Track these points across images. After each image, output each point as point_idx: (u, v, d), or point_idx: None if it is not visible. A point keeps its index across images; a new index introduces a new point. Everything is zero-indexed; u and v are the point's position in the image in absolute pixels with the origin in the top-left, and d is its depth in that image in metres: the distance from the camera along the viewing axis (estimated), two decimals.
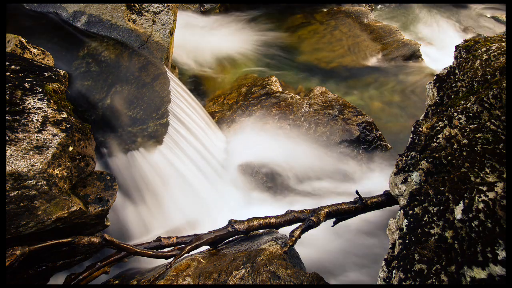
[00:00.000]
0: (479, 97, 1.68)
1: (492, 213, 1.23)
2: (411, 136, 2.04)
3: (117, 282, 2.35)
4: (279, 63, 5.24)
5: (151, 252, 2.20)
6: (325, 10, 6.57)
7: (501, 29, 7.36)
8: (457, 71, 2.13)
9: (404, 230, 1.58)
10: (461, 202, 1.37)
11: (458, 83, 2.02)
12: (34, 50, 2.64)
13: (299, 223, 2.37)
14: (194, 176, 3.12)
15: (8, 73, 2.21)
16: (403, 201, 1.79)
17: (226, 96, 4.44)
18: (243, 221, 2.37)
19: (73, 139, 2.12)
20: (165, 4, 3.32)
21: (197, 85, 4.66)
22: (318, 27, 6.04)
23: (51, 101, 2.19)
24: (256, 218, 2.39)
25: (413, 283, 1.40)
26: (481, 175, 1.43)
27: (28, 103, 2.09)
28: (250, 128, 3.85)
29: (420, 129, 2.01)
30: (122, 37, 3.09)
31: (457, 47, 2.32)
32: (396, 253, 1.57)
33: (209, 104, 4.41)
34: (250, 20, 6.24)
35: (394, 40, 5.50)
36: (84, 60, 2.86)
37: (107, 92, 2.81)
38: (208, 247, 2.39)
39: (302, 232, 2.29)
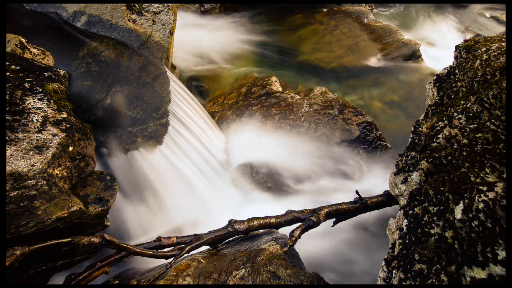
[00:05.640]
0: (479, 97, 1.68)
1: (492, 213, 1.23)
2: (411, 136, 2.04)
3: (117, 282, 2.35)
4: (279, 63, 5.25)
5: (151, 252, 2.20)
6: (325, 10, 6.57)
7: (501, 29, 7.36)
8: (457, 71, 2.13)
9: (404, 230, 1.58)
10: (461, 202, 1.37)
11: (458, 83, 2.02)
12: (34, 50, 2.64)
13: (299, 223, 2.37)
14: (194, 176, 3.12)
15: (8, 73, 2.21)
16: (403, 201, 1.79)
17: (226, 96, 4.44)
18: (243, 221, 2.37)
19: (73, 139, 2.12)
20: (165, 4, 3.32)
21: (197, 85, 4.66)
22: (318, 27, 6.04)
23: (51, 101, 2.19)
24: (256, 218, 2.39)
25: (413, 283, 1.40)
26: (481, 175, 1.43)
27: (28, 103, 2.09)
28: (250, 128, 3.85)
29: (420, 129, 2.01)
30: (122, 37, 3.08)
31: (457, 47, 2.32)
32: (396, 253, 1.57)
33: (209, 104, 4.41)
34: (250, 20, 6.24)
35: (394, 40, 5.50)
36: (84, 60, 2.86)
37: (107, 92, 2.81)
38: (208, 247, 2.39)
39: (302, 232, 2.29)
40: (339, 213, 2.40)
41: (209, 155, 3.35)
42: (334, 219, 2.49)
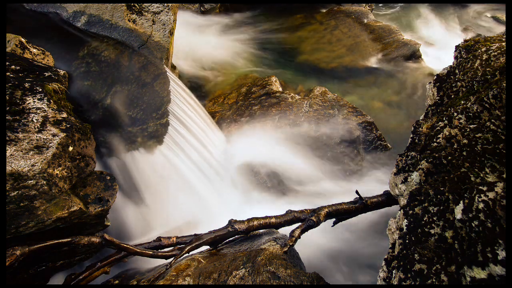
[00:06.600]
0: (479, 97, 1.68)
1: (492, 213, 1.23)
2: (411, 136, 2.04)
3: (117, 282, 2.35)
4: (279, 63, 5.24)
5: (151, 252, 2.20)
6: (325, 10, 6.57)
7: (501, 29, 7.36)
8: (457, 71, 2.13)
9: (404, 230, 1.58)
10: (461, 202, 1.37)
11: (458, 83, 2.02)
12: (34, 50, 2.64)
13: (299, 223, 2.37)
14: (194, 176, 3.12)
15: (8, 73, 2.21)
16: (403, 201, 1.79)
17: (226, 96, 4.44)
18: (243, 221, 2.37)
19: (73, 139, 2.12)
20: (165, 4, 3.32)
21: (197, 85, 4.66)
22: (318, 27, 6.04)
23: (51, 101, 2.19)
24: (256, 218, 2.39)
25: (413, 283, 1.40)
26: (481, 175, 1.43)
27: (28, 103, 2.09)
28: (250, 128, 3.85)
29: (420, 129, 2.01)
30: (122, 37, 3.08)
31: (457, 47, 2.32)
32: (396, 253, 1.57)
33: (209, 104, 4.41)
34: (250, 20, 6.24)
35: (394, 40, 5.50)
36: (84, 60, 2.86)
37: (107, 92, 2.81)
38: (208, 247, 2.39)
39: (302, 232, 2.29)
40: (339, 213, 2.40)
41: (209, 155, 3.35)
42: (334, 219, 2.49)
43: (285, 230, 2.44)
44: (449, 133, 1.70)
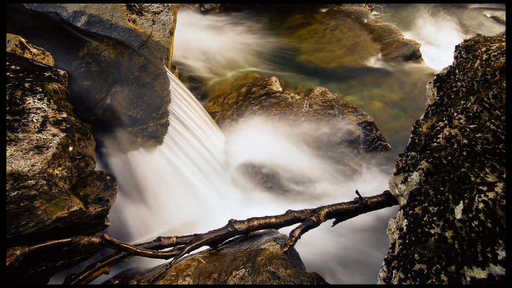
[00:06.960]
0: (479, 97, 1.68)
1: (492, 213, 1.23)
2: (411, 136, 2.04)
3: (117, 282, 2.35)
4: (279, 63, 5.25)
5: (151, 252, 2.20)
6: (325, 10, 6.58)
7: (501, 29, 7.36)
8: (457, 71, 2.13)
9: (404, 230, 1.58)
10: (461, 202, 1.37)
11: (458, 83, 2.02)
12: (34, 50, 2.64)
13: (299, 223, 2.37)
14: (194, 176, 3.12)
15: (8, 73, 2.21)
16: (403, 201, 1.79)
17: (226, 96, 4.44)
18: (243, 221, 2.37)
19: (73, 139, 2.12)
20: (165, 4, 3.32)
21: (197, 85, 4.66)
22: (318, 27, 6.04)
23: (51, 101, 2.19)
24: (256, 218, 2.39)
25: (413, 283, 1.40)
26: (481, 175, 1.43)
27: (28, 103, 2.09)
28: (250, 128, 3.85)
29: (420, 129, 2.01)
30: (122, 37, 3.08)
31: (457, 47, 2.32)
32: (396, 253, 1.57)
33: (209, 104, 4.41)
34: (250, 20, 6.24)
35: (394, 40, 5.50)
36: (84, 60, 2.86)
37: (107, 92, 2.81)
38: (208, 247, 2.39)
39: (302, 232, 2.29)
40: (339, 213, 2.40)
41: (209, 155, 3.35)
42: (334, 219, 2.49)
43: (285, 230, 2.44)
44: (449, 133, 1.70)
